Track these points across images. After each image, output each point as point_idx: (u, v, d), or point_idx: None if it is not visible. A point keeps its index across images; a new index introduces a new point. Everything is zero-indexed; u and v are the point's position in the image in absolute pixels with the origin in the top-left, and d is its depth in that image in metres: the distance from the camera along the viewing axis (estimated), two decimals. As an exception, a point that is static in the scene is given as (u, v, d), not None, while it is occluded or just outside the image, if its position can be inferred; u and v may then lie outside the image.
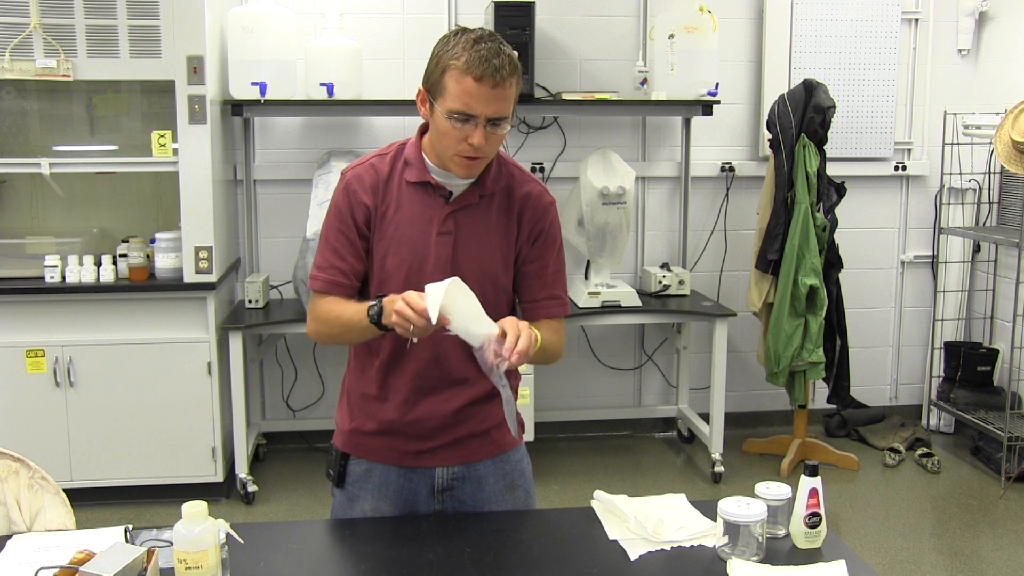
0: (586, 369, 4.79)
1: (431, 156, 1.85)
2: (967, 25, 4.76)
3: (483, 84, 1.68)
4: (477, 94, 1.69)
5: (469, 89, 1.69)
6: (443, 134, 1.76)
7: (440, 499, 1.96)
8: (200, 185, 3.78)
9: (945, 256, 4.83)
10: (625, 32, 4.59)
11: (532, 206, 1.90)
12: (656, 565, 1.73)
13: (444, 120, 1.73)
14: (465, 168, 1.78)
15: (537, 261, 1.92)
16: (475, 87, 1.68)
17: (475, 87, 1.68)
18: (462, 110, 1.70)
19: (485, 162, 1.81)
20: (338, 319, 1.84)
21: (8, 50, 3.64)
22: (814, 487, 1.76)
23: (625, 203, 4.14)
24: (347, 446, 1.97)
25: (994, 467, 4.31)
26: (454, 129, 1.73)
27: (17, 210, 4.11)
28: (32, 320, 3.77)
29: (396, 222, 1.85)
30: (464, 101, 1.70)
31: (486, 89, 1.69)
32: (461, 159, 1.76)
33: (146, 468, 3.89)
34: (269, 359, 4.57)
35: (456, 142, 1.74)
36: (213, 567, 1.54)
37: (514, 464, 2.01)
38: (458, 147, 1.75)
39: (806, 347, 4.13)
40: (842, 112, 4.56)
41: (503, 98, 1.72)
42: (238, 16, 3.94)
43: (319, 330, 1.90)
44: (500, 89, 1.70)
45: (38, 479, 1.89)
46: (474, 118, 1.71)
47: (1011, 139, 3.93)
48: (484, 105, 1.70)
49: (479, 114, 1.71)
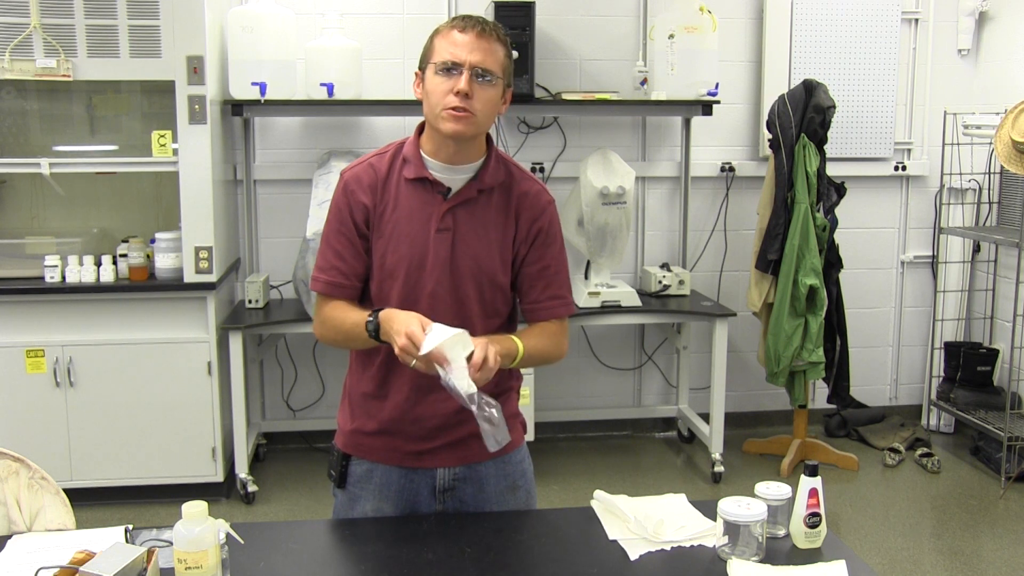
0: (586, 369, 4.79)
1: (428, 149, 1.86)
2: (967, 25, 4.76)
3: (466, 33, 1.77)
4: (461, 42, 1.77)
5: (454, 40, 1.78)
6: (431, 92, 1.80)
7: (441, 499, 1.96)
8: (200, 185, 3.78)
9: (945, 256, 4.83)
10: (625, 32, 4.59)
11: (530, 204, 1.91)
12: (656, 565, 1.73)
13: (433, 77, 1.79)
14: (453, 122, 1.78)
15: (538, 262, 1.92)
16: (459, 36, 1.78)
17: (459, 36, 1.78)
18: (447, 59, 1.77)
19: (475, 123, 1.79)
20: (339, 329, 1.87)
21: (8, 50, 3.64)
22: (814, 487, 1.76)
23: (625, 203, 4.14)
24: (348, 447, 1.97)
25: (994, 467, 4.31)
26: (442, 83, 1.77)
27: (17, 210, 4.11)
28: (32, 320, 3.77)
29: (395, 219, 1.85)
30: (449, 51, 1.78)
31: (470, 38, 1.77)
32: (449, 112, 1.77)
33: (146, 468, 3.89)
34: (269, 359, 4.57)
35: (443, 95, 1.77)
36: (213, 567, 1.54)
37: (515, 465, 2.01)
38: (445, 99, 1.77)
39: (806, 347, 4.13)
40: (842, 112, 4.56)
41: (488, 51, 1.78)
42: (238, 16, 3.94)
43: (324, 335, 1.94)
44: (484, 41, 1.78)
45: (38, 479, 1.89)
46: (459, 66, 1.76)
47: (1011, 139, 3.93)
48: (468, 52, 1.76)
49: (463, 61, 1.76)
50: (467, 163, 1.86)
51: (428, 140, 1.86)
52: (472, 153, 1.86)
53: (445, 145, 1.83)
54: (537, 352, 1.89)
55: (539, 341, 1.90)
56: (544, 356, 1.94)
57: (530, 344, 1.86)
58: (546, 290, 1.93)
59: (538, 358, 1.92)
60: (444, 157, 1.85)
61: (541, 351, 1.91)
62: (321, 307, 1.91)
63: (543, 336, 1.92)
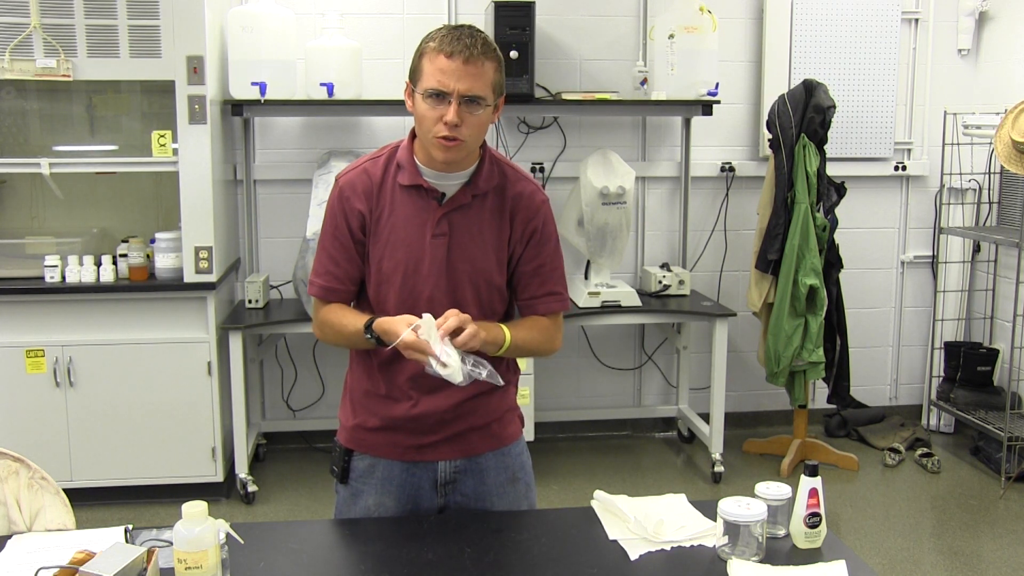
0: (586, 369, 4.79)
1: (422, 157, 1.87)
2: (967, 25, 4.76)
3: (454, 60, 1.73)
4: (449, 70, 1.73)
5: (441, 66, 1.74)
6: (422, 117, 1.79)
7: (443, 492, 1.97)
8: (200, 185, 3.78)
9: (945, 256, 4.83)
10: (625, 32, 4.59)
11: (524, 205, 1.92)
12: (656, 565, 1.73)
13: (422, 102, 1.77)
14: (443, 151, 1.79)
15: (533, 260, 1.94)
16: (447, 63, 1.73)
17: (447, 63, 1.73)
18: (435, 87, 1.75)
19: (466, 148, 1.81)
20: (339, 333, 1.92)
21: (8, 50, 3.64)
22: (814, 487, 1.76)
23: (625, 203, 4.14)
24: (351, 442, 1.99)
25: (994, 467, 4.31)
26: (431, 110, 1.76)
27: (17, 210, 4.11)
28: (32, 320, 3.77)
29: (391, 225, 1.87)
30: (437, 78, 1.74)
31: (457, 64, 1.73)
32: (439, 140, 1.77)
33: (146, 468, 3.88)
34: (269, 359, 4.57)
35: (433, 123, 1.77)
36: (213, 567, 1.54)
37: (515, 457, 2.03)
38: (435, 128, 1.77)
39: (806, 347, 4.13)
40: (842, 112, 4.56)
41: (476, 76, 1.75)
42: (238, 16, 3.94)
43: (324, 336, 1.98)
44: (472, 66, 1.74)
45: (38, 479, 1.89)
46: (447, 95, 1.74)
47: (1011, 139, 3.93)
48: (456, 80, 1.73)
49: (451, 90, 1.74)
50: (461, 169, 1.87)
51: (421, 149, 1.87)
52: (466, 161, 1.87)
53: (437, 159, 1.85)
54: (525, 343, 1.92)
55: (528, 333, 1.93)
56: (534, 348, 1.96)
57: (519, 335, 1.89)
58: (542, 287, 1.95)
59: (527, 349, 1.94)
60: (438, 167, 1.86)
61: (530, 343, 1.93)
62: (318, 311, 1.97)
63: (533, 329, 1.95)
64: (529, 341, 1.93)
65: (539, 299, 1.95)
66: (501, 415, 2.00)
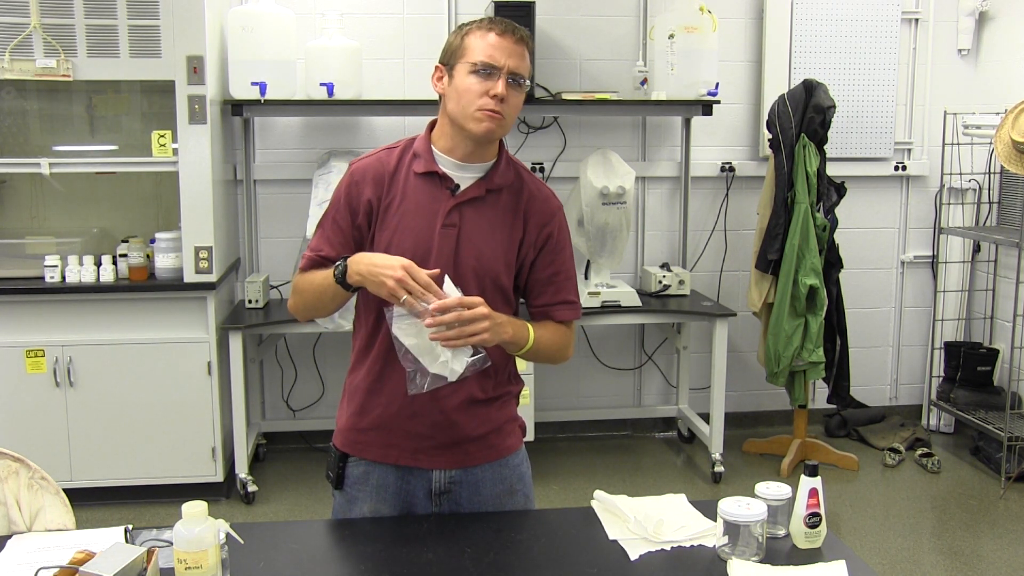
0: (586, 369, 4.79)
1: (441, 145, 1.87)
2: (967, 25, 4.76)
3: (505, 38, 1.79)
4: (500, 46, 1.79)
5: (492, 42, 1.79)
6: (465, 91, 1.80)
7: (437, 502, 1.95)
8: (200, 185, 3.78)
9: (945, 256, 4.83)
10: (625, 32, 4.59)
11: (539, 209, 1.92)
12: (656, 565, 1.73)
13: (467, 76, 1.79)
14: (487, 122, 1.79)
15: (548, 267, 1.93)
16: (498, 40, 1.79)
17: (498, 40, 1.79)
18: (487, 61, 1.78)
19: (504, 126, 1.82)
20: (310, 284, 1.89)
21: (8, 50, 3.64)
22: (814, 487, 1.76)
23: (625, 203, 4.14)
24: (346, 444, 1.97)
25: (994, 467, 4.31)
26: (478, 83, 1.78)
27: (17, 210, 4.11)
28: (32, 320, 3.77)
29: (401, 213, 1.86)
30: (488, 53, 1.79)
31: (509, 43, 1.79)
32: (483, 113, 1.79)
33: (146, 468, 3.89)
34: (269, 359, 4.57)
35: (478, 95, 1.79)
36: (213, 567, 1.54)
37: (513, 468, 2.00)
38: (481, 100, 1.78)
39: (806, 347, 4.13)
40: (842, 112, 4.56)
41: (522, 56, 1.81)
42: (238, 16, 3.94)
43: (295, 302, 1.96)
44: (520, 47, 1.81)
45: (38, 479, 1.89)
46: (498, 70, 1.78)
47: (1011, 139, 3.93)
48: (507, 57, 1.78)
49: (502, 65, 1.78)
50: (479, 163, 1.88)
51: (443, 137, 1.88)
52: (487, 153, 1.88)
53: (463, 143, 1.85)
54: (546, 347, 1.91)
55: (551, 337, 1.92)
56: (551, 353, 1.95)
57: (543, 336, 1.88)
58: (556, 295, 1.95)
59: (546, 353, 1.93)
60: (459, 155, 1.86)
61: (550, 347, 1.93)
62: (295, 278, 1.96)
63: (556, 334, 1.94)
64: (550, 345, 1.92)
65: (553, 307, 1.94)
66: (500, 425, 1.97)
